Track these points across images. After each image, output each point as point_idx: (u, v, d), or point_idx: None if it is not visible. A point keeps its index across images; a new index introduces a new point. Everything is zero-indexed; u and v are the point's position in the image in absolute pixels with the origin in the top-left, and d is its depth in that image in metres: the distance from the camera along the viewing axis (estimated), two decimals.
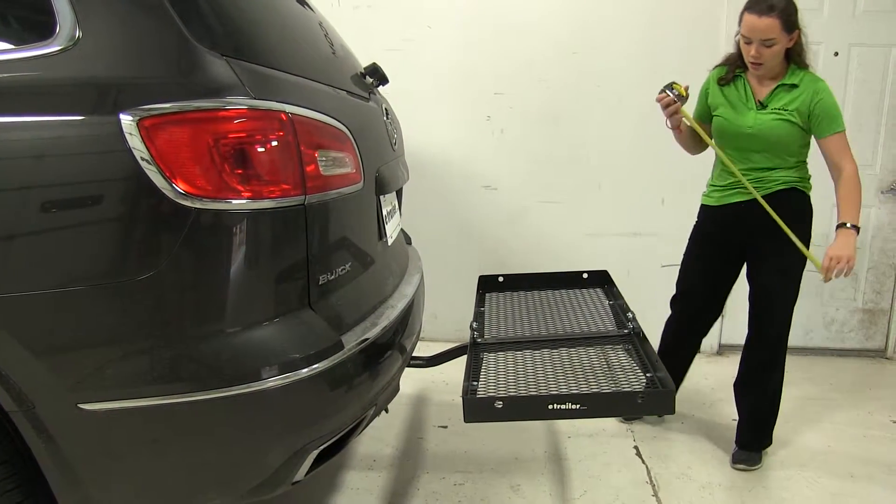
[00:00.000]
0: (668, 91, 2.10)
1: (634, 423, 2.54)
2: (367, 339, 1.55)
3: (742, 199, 2.16)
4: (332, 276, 1.52)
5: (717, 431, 2.49)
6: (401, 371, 1.81)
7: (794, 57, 2.04)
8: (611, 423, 2.52)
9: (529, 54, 3.18)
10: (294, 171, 1.35)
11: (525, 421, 1.53)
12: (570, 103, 3.21)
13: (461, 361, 3.39)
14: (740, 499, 2.08)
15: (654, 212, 3.25)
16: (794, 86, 2.03)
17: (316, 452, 1.43)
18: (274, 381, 1.33)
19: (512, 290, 2.38)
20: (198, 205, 1.23)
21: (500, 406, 1.48)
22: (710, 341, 3.34)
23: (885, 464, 2.30)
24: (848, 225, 1.99)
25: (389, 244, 1.88)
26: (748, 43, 1.98)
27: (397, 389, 1.88)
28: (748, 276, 2.24)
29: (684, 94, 2.10)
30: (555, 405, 1.48)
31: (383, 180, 1.78)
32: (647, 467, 2.26)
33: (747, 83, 2.11)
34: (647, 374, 1.60)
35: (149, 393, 1.25)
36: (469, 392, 1.57)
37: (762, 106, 2.07)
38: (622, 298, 2.11)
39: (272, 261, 1.37)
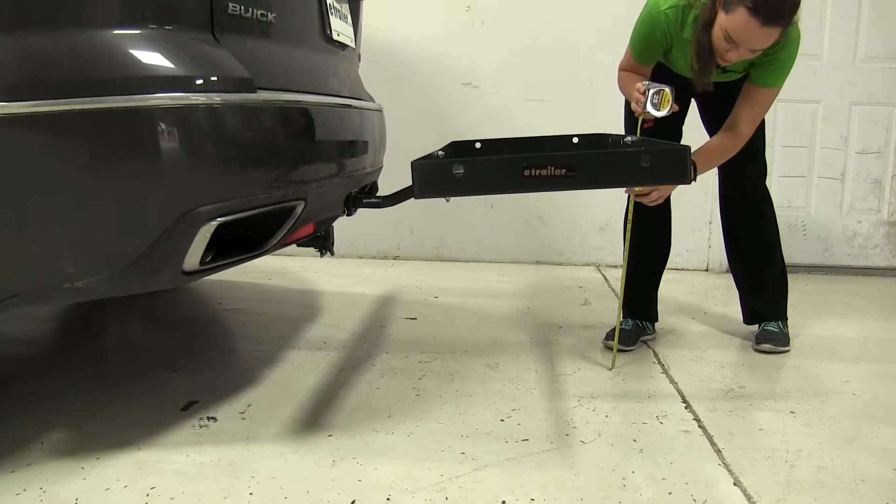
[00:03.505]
0: (649, 97, 1.61)
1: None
2: (291, 103, 1.21)
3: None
4: (247, 14, 1.18)
5: (731, 326, 2.13)
6: (341, 187, 1.45)
7: None
8: (610, 315, 2.15)
9: None
10: None
11: (494, 194, 1.17)
12: None
13: (435, 268, 3.02)
14: (768, 377, 1.72)
15: None
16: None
17: (213, 226, 1.07)
18: (155, 100, 0.98)
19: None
20: None
21: (460, 173, 1.13)
22: (704, 259, 3.00)
23: None
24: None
25: (335, 41, 1.54)
26: (730, 43, 1.54)
27: (340, 212, 1.53)
28: (708, 121, 1.91)
29: (664, 109, 1.62)
30: (533, 170, 1.13)
31: None
32: (653, 351, 1.89)
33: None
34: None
35: None
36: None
37: (722, 70, 1.71)
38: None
39: None
